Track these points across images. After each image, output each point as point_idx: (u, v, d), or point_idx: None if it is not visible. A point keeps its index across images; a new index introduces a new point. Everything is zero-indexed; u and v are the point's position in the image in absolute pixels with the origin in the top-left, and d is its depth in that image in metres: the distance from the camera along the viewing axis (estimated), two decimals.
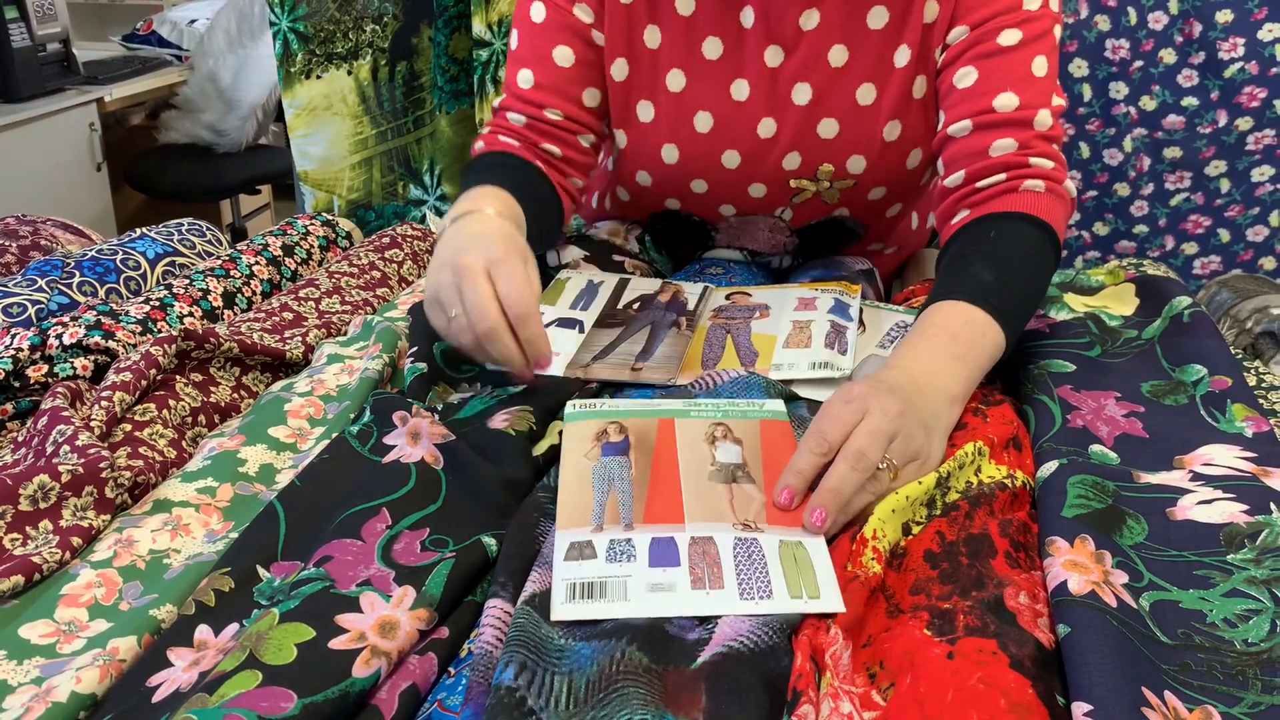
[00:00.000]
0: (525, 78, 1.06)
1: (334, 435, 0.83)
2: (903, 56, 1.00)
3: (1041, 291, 0.93)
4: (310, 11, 1.60)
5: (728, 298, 1.04)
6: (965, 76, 0.97)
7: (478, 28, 1.55)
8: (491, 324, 0.80)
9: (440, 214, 1.72)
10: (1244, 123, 1.47)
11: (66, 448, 0.77)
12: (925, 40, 1.00)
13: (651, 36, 1.04)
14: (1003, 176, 0.95)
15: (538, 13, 1.05)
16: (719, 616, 0.62)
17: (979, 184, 0.96)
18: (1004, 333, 0.84)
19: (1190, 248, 1.57)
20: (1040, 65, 0.96)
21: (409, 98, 1.67)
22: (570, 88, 1.06)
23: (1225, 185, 1.51)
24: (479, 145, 1.10)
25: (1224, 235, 1.54)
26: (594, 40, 1.05)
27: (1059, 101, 0.97)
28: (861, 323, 0.99)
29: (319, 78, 1.64)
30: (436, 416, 0.84)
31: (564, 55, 1.04)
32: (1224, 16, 1.43)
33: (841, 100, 1.03)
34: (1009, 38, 0.95)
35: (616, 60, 1.05)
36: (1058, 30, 0.97)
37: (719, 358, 0.93)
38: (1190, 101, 1.49)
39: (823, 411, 0.74)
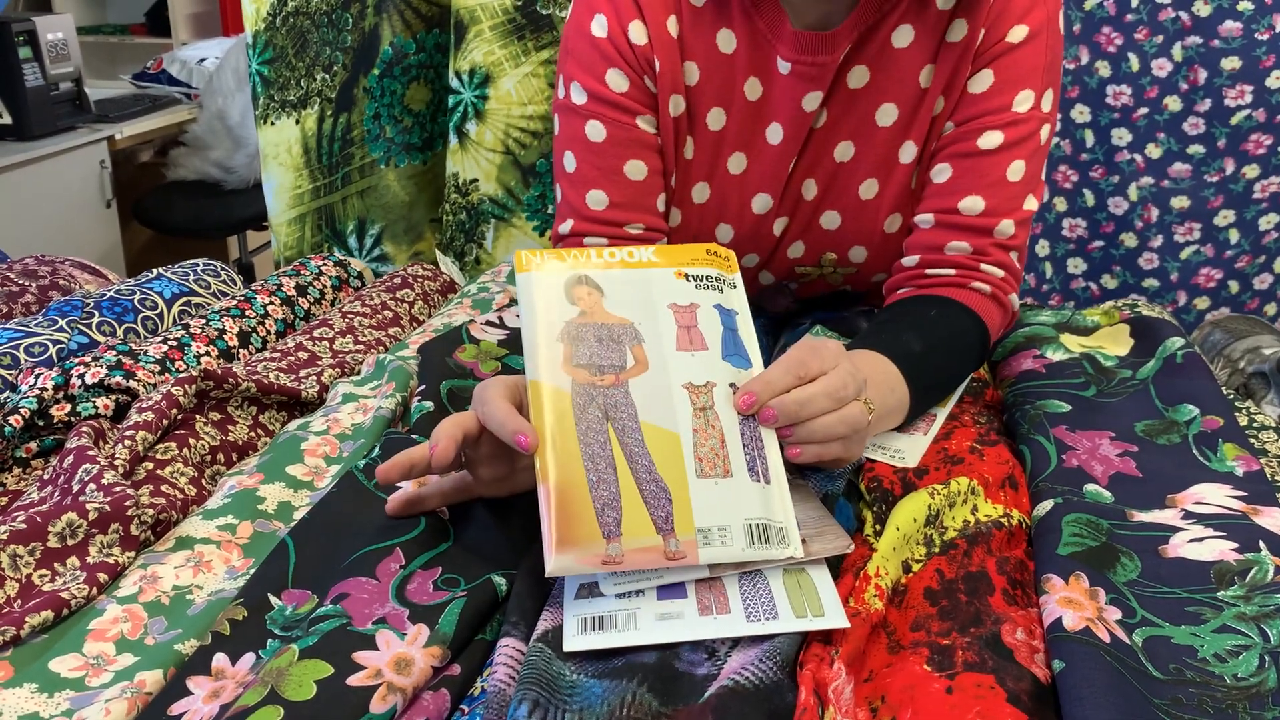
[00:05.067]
0: (598, 199, 1.02)
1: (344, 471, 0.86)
2: (908, 153, 1.01)
3: (958, 380, 0.96)
4: (274, 56, 1.58)
5: (570, 293, 0.77)
6: (941, 172, 0.99)
7: (455, 81, 1.55)
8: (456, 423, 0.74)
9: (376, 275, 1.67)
10: (1251, 170, 1.48)
11: (93, 486, 0.79)
12: (931, 134, 1.01)
13: (688, 149, 1.04)
14: (952, 272, 0.98)
15: (596, 131, 1.01)
16: (728, 653, 0.64)
17: (929, 271, 0.99)
18: (910, 399, 0.86)
19: (1203, 302, 1.56)
20: (1016, 170, 0.96)
21: (342, 152, 1.61)
22: (647, 199, 1.03)
23: (1234, 236, 1.52)
24: None
25: (1233, 286, 1.55)
26: (659, 148, 1.03)
27: (1031, 205, 0.98)
28: None
29: (273, 124, 1.60)
30: None
31: (636, 169, 1.01)
32: (1231, 64, 1.44)
33: (845, 195, 1.04)
34: (990, 140, 0.96)
35: (672, 171, 1.06)
36: (1046, 130, 0.98)
37: (613, 493, 0.69)
38: (1197, 149, 1.50)
39: (805, 341, 0.76)
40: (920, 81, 0.98)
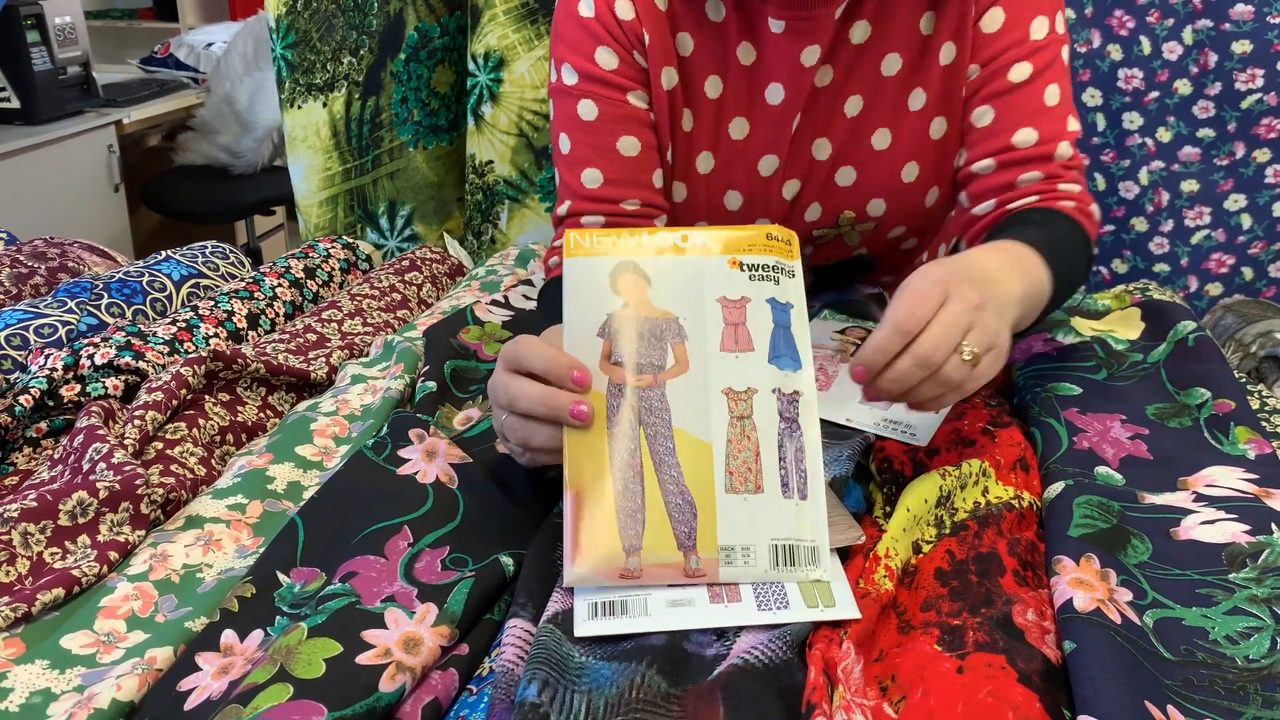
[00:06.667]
0: (592, 177, 1.02)
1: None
2: (918, 100, 1.02)
3: (1082, 276, 0.97)
4: (297, 40, 1.59)
5: (614, 281, 0.74)
6: (983, 115, 1.00)
7: (471, 64, 1.55)
8: (508, 385, 0.72)
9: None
10: (1262, 154, 1.46)
11: (103, 465, 0.79)
12: (945, 83, 1.01)
13: (687, 120, 1.04)
14: (1035, 198, 0.98)
15: (588, 110, 1.01)
16: (737, 634, 0.64)
17: (1011, 206, 0.99)
18: (1051, 284, 0.87)
19: (1215, 288, 1.54)
20: (1052, 94, 0.98)
21: (372, 135, 1.63)
22: (642, 175, 1.03)
23: (1246, 221, 1.50)
24: (555, 261, 1.04)
25: (1247, 273, 1.52)
26: (652, 123, 1.03)
27: (1075, 126, 0.99)
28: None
29: (300, 107, 1.62)
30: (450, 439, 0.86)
31: (629, 145, 1.02)
32: (1242, 47, 1.42)
33: (858, 148, 1.04)
34: (1020, 72, 0.97)
35: (667, 145, 1.06)
36: (1065, 51, 0.99)
37: (637, 504, 0.68)
38: (1206, 133, 1.48)
39: (908, 288, 0.74)
40: (921, 28, 0.99)
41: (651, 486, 0.68)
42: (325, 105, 1.60)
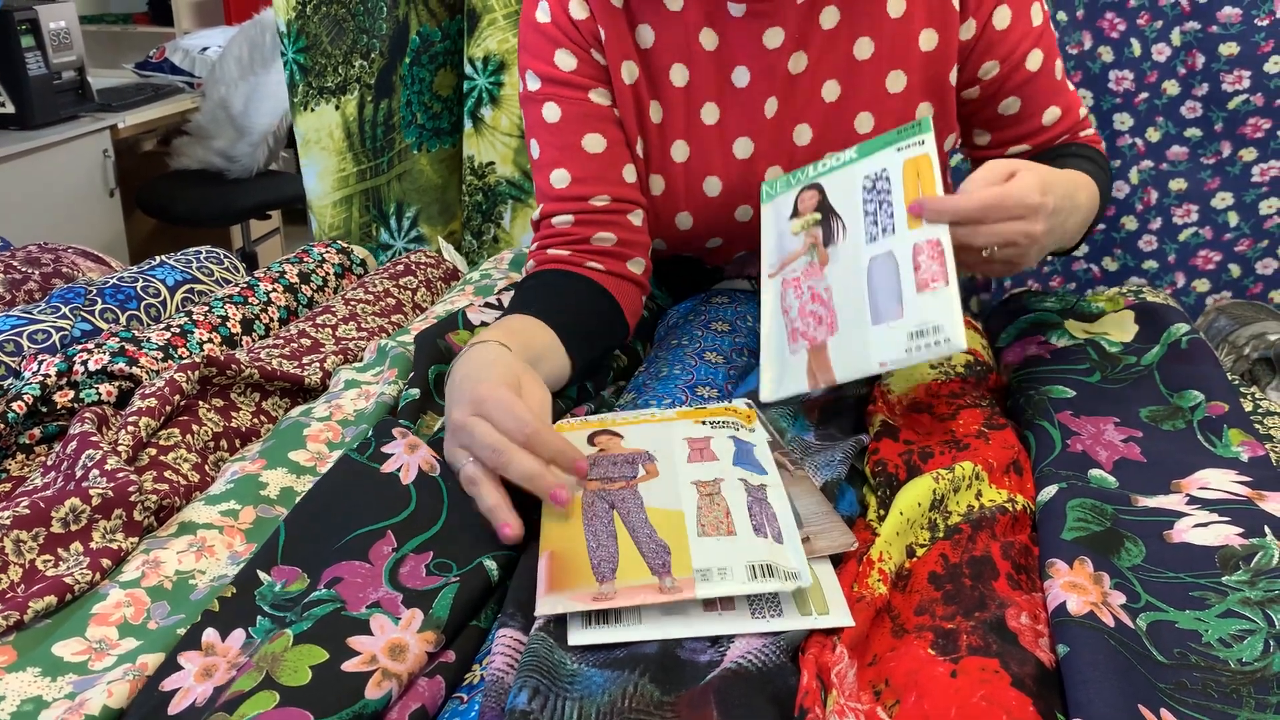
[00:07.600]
0: (560, 177, 1.03)
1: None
2: (897, 82, 1.03)
3: (1109, 193, 1.11)
4: (308, 44, 1.60)
5: (591, 440, 0.83)
6: (1010, 105, 1.07)
7: (470, 67, 1.56)
8: (501, 451, 0.74)
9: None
10: (1248, 153, 1.48)
11: (96, 472, 0.79)
12: (927, 69, 1.03)
13: (655, 112, 1.05)
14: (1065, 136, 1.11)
15: (552, 112, 1.03)
16: (731, 640, 0.64)
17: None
18: (1099, 200, 1.01)
19: (1202, 284, 1.56)
20: (1058, 68, 1.07)
21: (386, 137, 1.66)
22: (609, 171, 1.04)
23: (1234, 219, 1.52)
24: (529, 265, 1.05)
25: (1234, 270, 1.54)
26: (617, 119, 1.04)
27: (1069, 83, 1.11)
28: (838, 216, 0.92)
29: (312, 110, 1.63)
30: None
31: (595, 142, 1.03)
32: (1228, 49, 1.44)
33: (841, 132, 1.06)
34: (1034, 60, 1.04)
35: (635, 139, 1.07)
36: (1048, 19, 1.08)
37: (610, 552, 0.70)
38: (1194, 133, 1.50)
39: (1019, 192, 0.85)
40: (890, 12, 1.02)
41: (625, 538, 0.71)
42: (338, 108, 1.62)
